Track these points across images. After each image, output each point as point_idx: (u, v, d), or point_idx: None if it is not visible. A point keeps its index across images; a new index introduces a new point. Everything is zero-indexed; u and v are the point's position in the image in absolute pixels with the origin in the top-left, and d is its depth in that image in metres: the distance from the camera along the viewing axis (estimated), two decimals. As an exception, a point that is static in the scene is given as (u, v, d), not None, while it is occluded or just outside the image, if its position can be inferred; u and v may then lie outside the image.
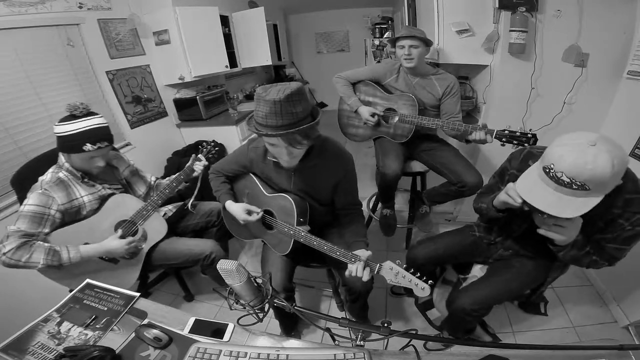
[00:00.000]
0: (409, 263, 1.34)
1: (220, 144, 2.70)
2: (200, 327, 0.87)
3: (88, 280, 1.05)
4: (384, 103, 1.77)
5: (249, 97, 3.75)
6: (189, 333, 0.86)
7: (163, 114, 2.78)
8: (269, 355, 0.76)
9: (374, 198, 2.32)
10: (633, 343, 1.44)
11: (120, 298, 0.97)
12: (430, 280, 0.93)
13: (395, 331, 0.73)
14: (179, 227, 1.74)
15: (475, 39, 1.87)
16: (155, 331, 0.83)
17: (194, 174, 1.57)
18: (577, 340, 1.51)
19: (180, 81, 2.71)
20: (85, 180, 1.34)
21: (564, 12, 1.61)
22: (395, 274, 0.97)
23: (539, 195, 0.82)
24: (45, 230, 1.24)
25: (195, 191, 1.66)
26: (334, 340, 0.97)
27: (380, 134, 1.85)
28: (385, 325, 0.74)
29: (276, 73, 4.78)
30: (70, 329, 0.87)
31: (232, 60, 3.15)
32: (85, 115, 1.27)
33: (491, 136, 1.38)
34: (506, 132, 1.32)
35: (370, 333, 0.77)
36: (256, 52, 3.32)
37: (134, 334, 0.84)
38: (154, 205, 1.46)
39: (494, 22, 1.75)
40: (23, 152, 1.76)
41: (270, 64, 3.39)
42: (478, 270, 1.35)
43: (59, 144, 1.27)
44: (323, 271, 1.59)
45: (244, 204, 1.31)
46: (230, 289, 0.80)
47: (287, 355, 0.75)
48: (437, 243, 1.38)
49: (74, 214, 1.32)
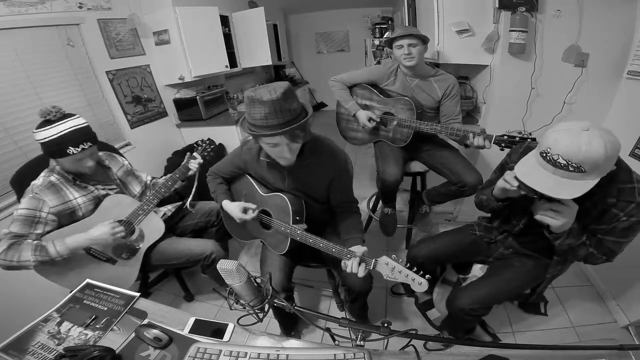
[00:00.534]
0: (410, 262, 1.33)
1: (220, 144, 2.71)
2: (200, 327, 0.87)
3: (88, 280, 1.05)
4: (381, 107, 1.76)
5: (249, 97, 3.74)
6: (189, 333, 0.86)
7: (163, 114, 2.78)
8: (269, 355, 0.76)
9: (374, 198, 2.32)
10: (633, 343, 1.44)
11: (120, 298, 0.97)
12: (427, 275, 0.93)
13: (395, 331, 0.73)
14: (179, 227, 1.74)
15: (475, 39, 1.87)
16: (155, 331, 0.83)
17: (190, 173, 1.56)
18: (577, 340, 1.51)
19: (180, 81, 2.71)
20: (77, 182, 1.34)
21: (564, 12, 1.61)
22: (392, 269, 0.97)
23: (537, 179, 0.85)
24: (37, 231, 1.23)
25: (192, 190, 1.65)
26: (334, 340, 0.97)
27: (379, 138, 1.84)
28: (385, 325, 0.74)
29: (276, 73, 4.78)
30: (70, 329, 0.87)
31: (232, 60, 3.15)
32: (60, 119, 1.24)
33: (490, 142, 1.37)
34: (505, 137, 1.32)
35: (370, 333, 0.77)
36: (256, 52, 3.32)
37: (134, 334, 0.84)
38: (150, 204, 1.45)
39: (494, 22, 1.75)
40: (23, 152, 1.76)
41: (270, 64, 3.40)
42: (478, 270, 1.35)
43: (42, 150, 1.26)
44: (323, 271, 1.59)
45: (240, 202, 1.31)
46: (230, 289, 0.80)
47: (287, 355, 0.76)
48: (437, 242, 1.38)
49: (69, 216, 1.32)
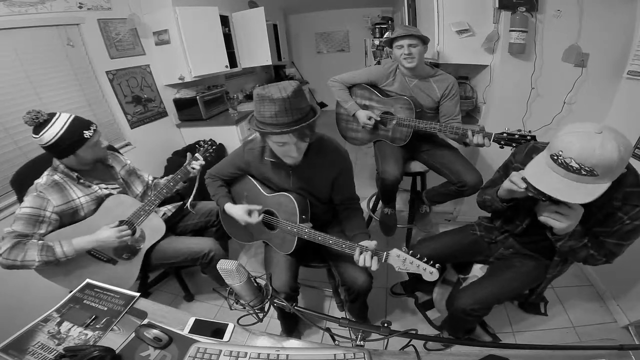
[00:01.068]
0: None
1: (220, 144, 2.71)
2: (200, 327, 0.87)
3: (88, 280, 1.05)
4: (381, 107, 1.76)
5: (249, 97, 3.75)
6: (189, 333, 0.86)
7: (163, 114, 2.78)
8: (269, 355, 0.76)
9: (374, 198, 2.32)
10: (633, 343, 1.44)
11: (120, 298, 0.97)
12: (437, 264, 0.94)
13: (395, 331, 0.73)
14: (179, 227, 1.74)
15: (475, 39, 1.87)
16: (155, 331, 0.83)
17: (192, 174, 1.56)
18: (577, 340, 1.51)
19: (180, 81, 2.71)
20: (82, 181, 1.34)
21: (564, 12, 1.61)
22: (403, 260, 0.99)
23: (547, 182, 0.83)
24: (41, 231, 1.23)
25: (193, 190, 1.65)
26: (334, 340, 0.97)
27: (379, 137, 1.84)
28: (385, 325, 0.74)
29: (276, 73, 4.78)
30: (70, 329, 0.87)
31: (232, 60, 3.15)
32: (51, 117, 1.23)
33: (489, 139, 1.37)
34: (504, 135, 1.32)
35: (370, 333, 0.77)
36: (256, 52, 3.32)
37: (134, 334, 0.84)
38: (152, 205, 1.45)
39: (494, 22, 1.75)
40: (23, 152, 1.76)
41: (270, 64, 3.40)
42: (478, 270, 1.35)
43: (57, 150, 1.25)
44: (323, 271, 1.59)
45: (244, 205, 1.30)
46: (230, 289, 0.80)
47: (287, 355, 0.75)
48: (437, 242, 1.38)
49: (71, 216, 1.32)
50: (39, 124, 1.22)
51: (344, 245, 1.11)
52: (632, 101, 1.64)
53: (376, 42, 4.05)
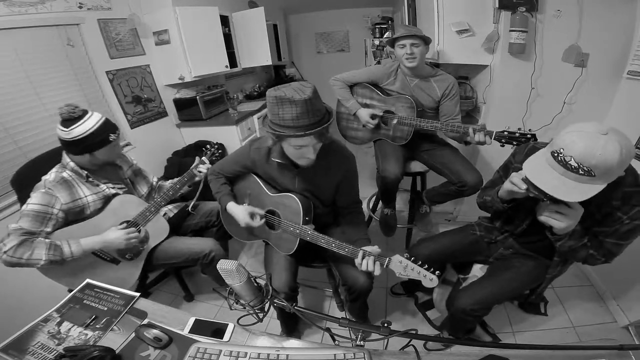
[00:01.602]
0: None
1: (220, 144, 2.71)
2: (200, 327, 0.87)
3: (88, 280, 1.05)
4: (382, 105, 1.76)
5: (249, 97, 3.75)
6: (189, 333, 0.86)
7: (163, 114, 2.78)
8: (269, 355, 0.76)
9: (374, 198, 2.32)
10: (633, 343, 1.44)
11: (120, 298, 0.97)
12: (437, 272, 0.95)
13: (395, 331, 0.73)
14: (180, 227, 1.74)
15: (475, 39, 1.87)
16: (155, 331, 0.83)
17: (197, 178, 1.57)
18: (577, 340, 1.51)
19: (180, 81, 2.71)
20: (90, 179, 1.34)
21: (564, 12, 1.61)
22: (404, 266, 1.00)
23: (544, 179, 0.84)
24: (47, 229, 1.23)
25: (197, 194, 1.66)
26: (334, 340, 0.97)
27: (379, 136, 1.84)
28: (385, 325, 0.74)
29: (276, 73, 4.78)
30: (70, 329, 0.87)
31: (232, 60, 3.15)
32: (84, 114, 1.26)
33: (490, 137, 1.38)
34: (505, 133, 1.32)
35: (370, 333, 0.77)
36: (256, 52, 3.32)
37: (134, 334, 0.84)
38: (157, 207, 1.46)
39: (494, 22, 1.75)
40: (23, 152, 1.76)
41: (270, 64, 3.40)
42: (478, 270, 1.35)
43: (79, 147, 1.25)
44: (323, 271, 1.59)
45: (247, 206, 1.30)
46: (230, 289, 0.80)
47: (287, 355, 0.75)
48: (437, 242, 1.38)
49: (77, 214, 1.32)
50: (72, 119, 1.23)
51: (346, 250, 1.11)
52: (632, 101, 1.64)
53: (376, 42, 4.04)
